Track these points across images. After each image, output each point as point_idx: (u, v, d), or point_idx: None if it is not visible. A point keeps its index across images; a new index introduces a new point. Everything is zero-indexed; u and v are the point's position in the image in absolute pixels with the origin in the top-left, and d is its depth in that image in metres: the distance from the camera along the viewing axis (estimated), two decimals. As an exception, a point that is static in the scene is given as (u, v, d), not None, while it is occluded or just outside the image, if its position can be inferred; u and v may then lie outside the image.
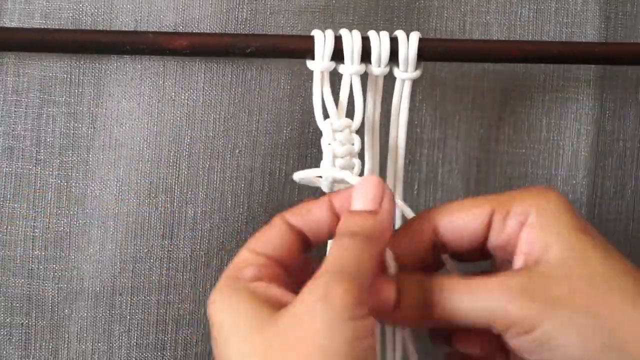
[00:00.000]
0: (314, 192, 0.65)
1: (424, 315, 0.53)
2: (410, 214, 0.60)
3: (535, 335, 0.51)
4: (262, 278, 0.52)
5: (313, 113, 0.61)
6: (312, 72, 0.61)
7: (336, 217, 0.55)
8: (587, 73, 0.70)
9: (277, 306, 0.50)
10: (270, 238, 0.55)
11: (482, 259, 0.59)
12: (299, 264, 0.56)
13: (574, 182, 0.71)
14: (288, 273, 0.55)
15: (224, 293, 0.52)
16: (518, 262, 0.55)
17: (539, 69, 0.70)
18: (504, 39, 0.69)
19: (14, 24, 0.62)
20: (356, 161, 0.60)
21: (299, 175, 0.60)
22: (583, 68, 0.70)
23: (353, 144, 0.60)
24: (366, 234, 0.52)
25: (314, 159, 0.67)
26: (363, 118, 0.62)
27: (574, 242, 0.54)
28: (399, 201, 0.61)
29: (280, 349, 0.48)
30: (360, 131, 0.61)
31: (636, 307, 0.52)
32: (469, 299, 0.52)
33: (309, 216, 0.56)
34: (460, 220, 0.56)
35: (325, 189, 0.60)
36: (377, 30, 0.61)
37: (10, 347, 0.64)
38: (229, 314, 0.51)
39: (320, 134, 0.61)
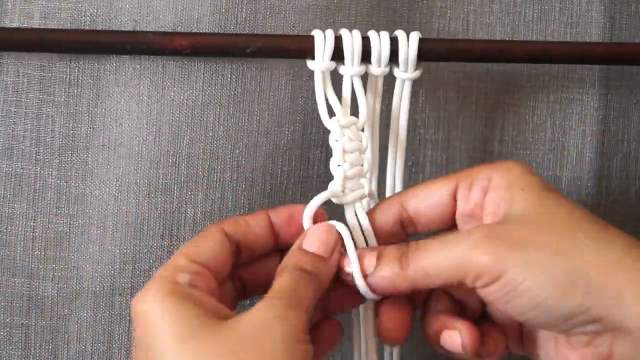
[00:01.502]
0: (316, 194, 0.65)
1: (400, 277, 0.55)
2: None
3: (504, 281, 0.53)
4: (197, 286, 0.53)
5: (315, 114, 0.61)
6: (313, 72, 0.61)
7: (272, 233, 0.58)
8: (592, 73, 0.70)
9: (216, 316, 0.51)
10: (207, 247, 0.55)
11: None
12: (225, 276, 0.57)
13: (579, 183, 0.70)
14: (219, 284, 0.56)
15: (158, 294, 0.51)
16: (486, 221, 0.57)
17: (543, 69, 0.69)
18: (507, 39, 0.69)
19: (14, 24, 0.62)
20: (365, 157, 0.60)
21: (311, 207, 0.58)
22: (587, 68, 0.70)
23: (361, 141, 0.60)
24: (316, 274, 0.55)
25: (316, 160, 0.67)
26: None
27: (538, 195, 0.56)
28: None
29: (234, 356, 0.49)
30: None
31: (599, 244, 0.54)
32: (440, 252, 0.54)
33: (247, 229, 0.57)
34: (425, 194, 0.59)
35: (338, 187, 0.59)
36: (379, 31, 0.61)
37: (10, 347, 0.64)
38: (164, 316, 0.50)
39: (323, 134, 0.60)
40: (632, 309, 0.52)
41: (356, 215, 0.60)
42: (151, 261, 0.64)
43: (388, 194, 0.63)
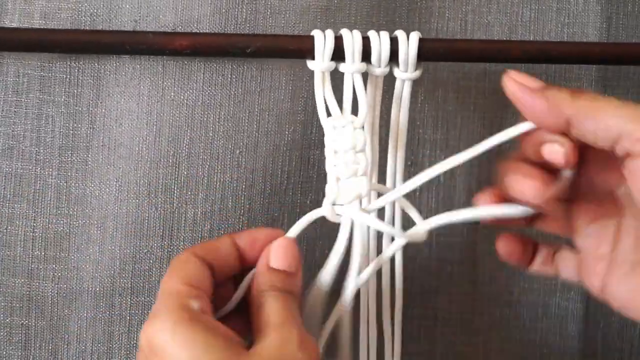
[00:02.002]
0: (317, 195, 0.66)
1: (566, 102, 0.55)
2: (418, 218, 0.61)
3: None
4: (207, 312, 0.53)
5: (315, 114, 0.61)
6: (313, 73, 0.61)
7: (239, 255, 0.58)
8: (589, 73, 0.70)
9: (232, 344, 0.51)
10: (195, 271, 0.55)
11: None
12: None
13: (576, 182, 0.71)
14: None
15: (178, 323, 0.51)
16: None
17: (540, 69, 0.70)
18: (505, 39, 0.69)
19: (14, 24, 0.62)
20: (361, 156, 0.60)
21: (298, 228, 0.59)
22: (584, 68, 0.70)
23: (358, 139, 0.60)
24: (292, 291, 0.56)
25: (316, 161, 0.67)
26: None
27: None
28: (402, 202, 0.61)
29: None
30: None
31: None
32: (616, 104, 0.54)
33: (217, 252, 0.57)
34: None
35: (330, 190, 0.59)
36: (378, 31, 0.61)
37: (10, 348, 0.64)
38: (188, 347, 0.50)
39: (323, 135, 0.60)
40: None
41: (352, 215, 0.60)
42: (151, 261, 0.64)
43: (388, 193, 0.63)
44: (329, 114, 0.60)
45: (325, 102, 0.60)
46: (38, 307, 0.64)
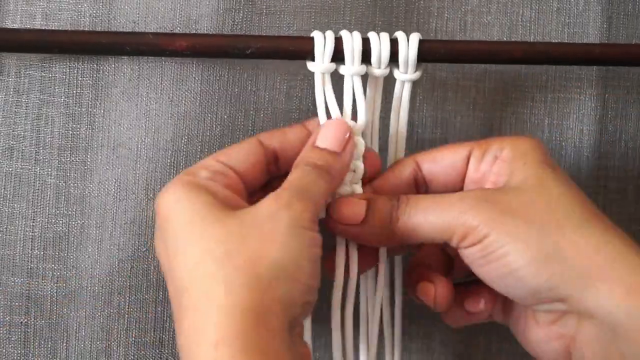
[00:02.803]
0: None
1: (389, 229, 0.57)
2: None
3: (485, 243, 0.54)
4: (217, 181, 0.55)
5: (310, 113, 0.61)
6: (309, 72, 0.61)
7: (267, 162, 0.59)
8: (589, 73, 0.70)
9: (231, 206, 0.53)
10: (238, 152, 0.57)
11: None
12: (259, 184, 0.58)
13: (577, 182, 0.70)
14: (248, 189, 0.57)
15: (176, 186, 0.54)
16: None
17: (540, 69, 0.70)
18: (505, 39, 0.69)
19: (15, 25, 0.63)
20: (359, 163, 0.60)
21: None
22: (585, 69, 0.70)
23: (356, 147, 0.60)
24: (327, 169, 0.56)
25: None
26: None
27: (536, 171, 0.57)
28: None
29: (240, 240, 0.51)
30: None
31: (584, 228, 0.55)
32: (432, 211, 0.56)
33: (282, 137, 0.58)
34: (440, 156, 0.60)
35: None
36: (375, 31, 0.61)
37: (10, 346, 0.65)
38: (177, 204, 0.53)
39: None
40: (600, 294, 0.54)
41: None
42: (149, 260, 0.64)
43: (388, 193, 0.64)
44: (329, 117, 0.60)
45: (326, 105, 0.60)
46: (37, 306, 0.65)
